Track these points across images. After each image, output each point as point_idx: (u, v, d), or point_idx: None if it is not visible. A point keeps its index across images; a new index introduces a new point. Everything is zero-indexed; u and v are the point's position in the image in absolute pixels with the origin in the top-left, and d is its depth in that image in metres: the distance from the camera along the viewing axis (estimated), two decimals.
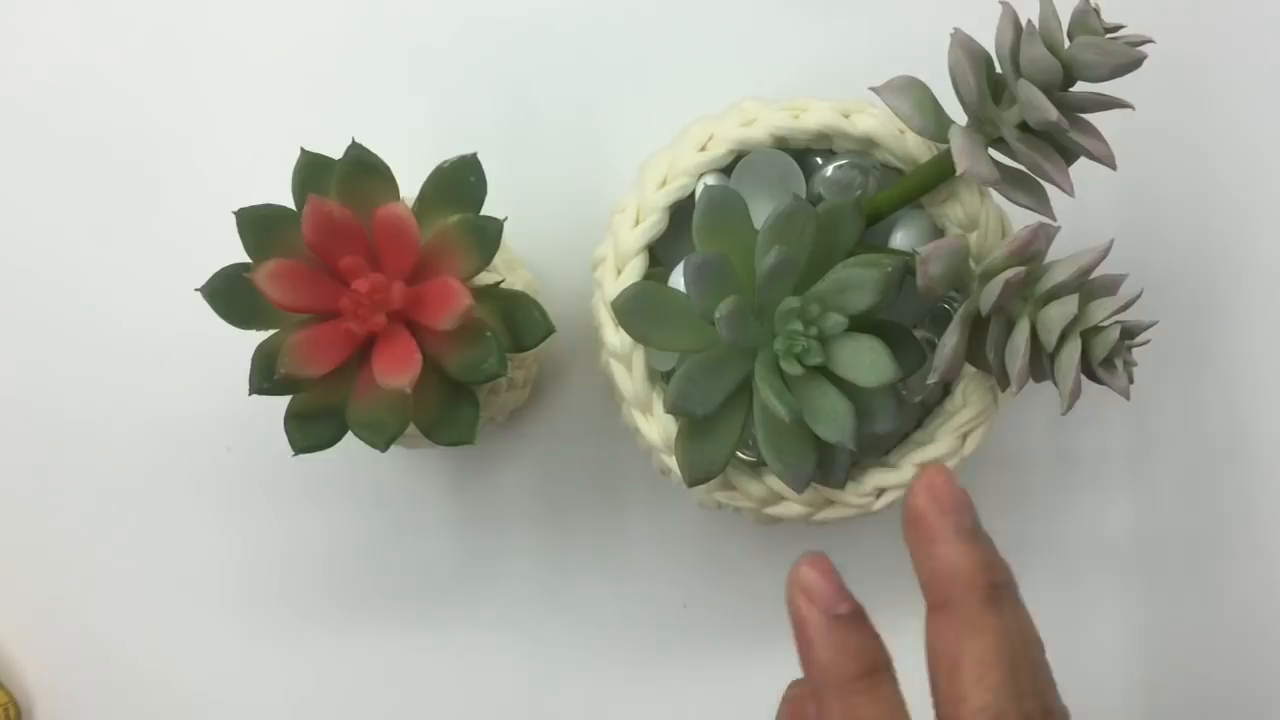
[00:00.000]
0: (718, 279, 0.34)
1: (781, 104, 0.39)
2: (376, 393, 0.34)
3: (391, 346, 0.34)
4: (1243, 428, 0.48)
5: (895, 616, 0.48)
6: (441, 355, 0.35)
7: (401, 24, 0.47)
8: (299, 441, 0.35)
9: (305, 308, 0.34)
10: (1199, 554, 0.48)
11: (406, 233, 0.34)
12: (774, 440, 0.35)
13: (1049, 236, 0.35)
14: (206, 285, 0.34)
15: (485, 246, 0.35)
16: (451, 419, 0.36)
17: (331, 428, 0.35)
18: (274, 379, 0.34)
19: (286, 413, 0.35)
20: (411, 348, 0.34)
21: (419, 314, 0.34)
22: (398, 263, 0.34)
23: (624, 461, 0.46)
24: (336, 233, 0.34)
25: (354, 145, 0.35)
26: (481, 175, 0.36)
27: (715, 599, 0.47)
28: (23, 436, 0.46)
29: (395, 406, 0.34)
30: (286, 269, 0.34)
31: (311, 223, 0.33)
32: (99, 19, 0.46)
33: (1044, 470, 0.48)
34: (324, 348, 0.34)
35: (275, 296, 0.33)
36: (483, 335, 0.35)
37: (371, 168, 0.35)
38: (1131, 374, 0.34)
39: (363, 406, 0.35)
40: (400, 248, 0.34)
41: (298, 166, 0.35)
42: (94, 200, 0.46)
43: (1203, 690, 0.48)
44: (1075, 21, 0.33)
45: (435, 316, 0.34)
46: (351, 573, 0.46)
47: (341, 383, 0.35)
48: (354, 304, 0.34)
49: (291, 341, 0.34)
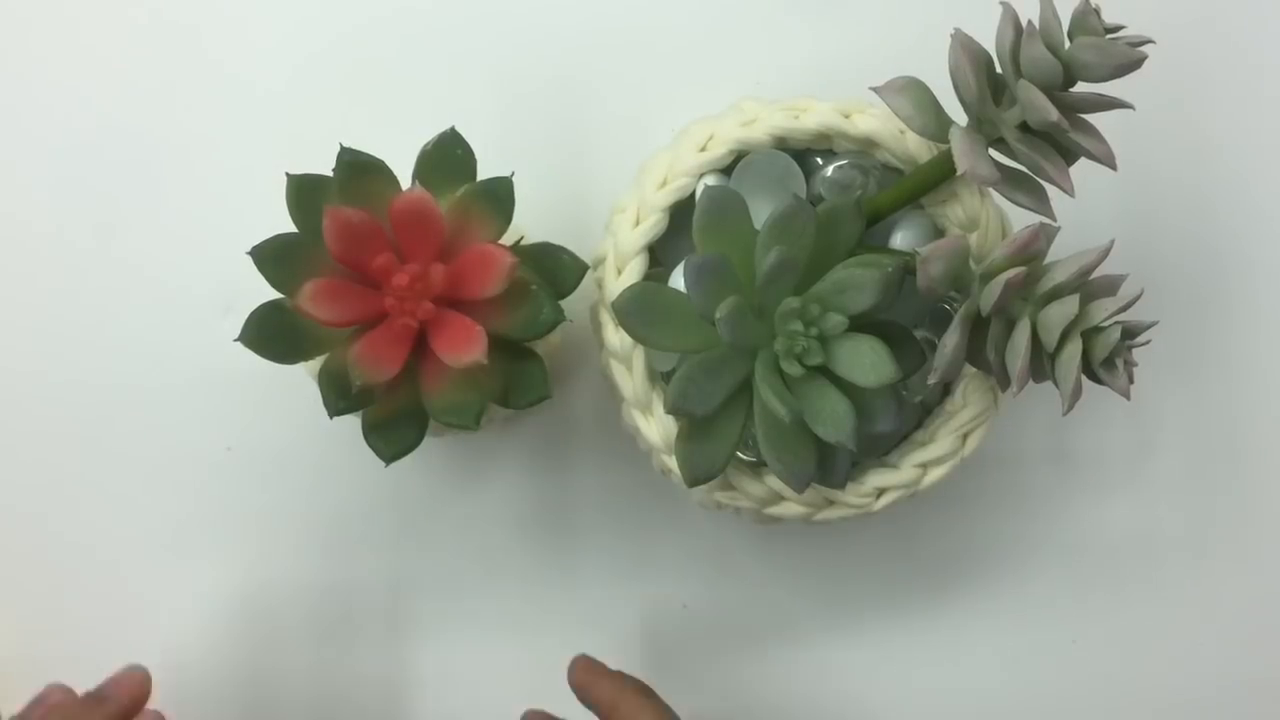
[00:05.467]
0: (718, 279, 0.34)
1: (781, 104, 0.39)
2: (448, 376, 0.34)
3: (446, 329, 0.34)
4: (1243, 428, 0.48)
5: (896, 616, 0.48)
6: (495, 322, 0.35)
7: (400, 25, 0.47)
8: (387, 451, 0.35)
9: (352, 320, 0.34)
10: (1199, 554, 0.48)
11: (429, 215, 0.34)
12: (774, 440, 0.35)
13: (1049, 237, 0.35)
14: (244, 332, 0.34)
15: (502, 207, 0.35)
16: (522, 381, 0.36)
17: (413, 428, 0.35)
18: (351, 395, 0.34)
19: (364, 428, 0.35)
20: (467, 322, 0.34)
21: (462, 291, 0.34)
22: (425, 248, 0.34)
23: (624, 461, 0.46)
24: (359, 238, 0.34)
25: (345, 150, 0.35)
26: (467, 146, 0.36)
27: (715, 599, 0.47)
28: (23, 437, 0.46)
29: (472, 383, 0.35)
30: (325, 287, 0.34)
31: (334, 234, 0.33)
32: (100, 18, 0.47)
33: (1044, 470, 0.48)
34: (386, 349, 0.34)
35: (322, 315, 0.33)
36: (529, 289, 0.35)
37: (368, 167, 0.35)
38: (1131, 374, 0.34)
39: (439, 394, 0.35)
40: (425, 232, 0.34)
41: (289, 191, 0.35)
42: (93, 200, 0.46)
43: (1203, 690, 0.48)
44: (1075, 22, 0.33)
45: (480, 286, 0.34)
46: (350, 573, 0.46)
47: (406, 383, 0.35)
48: (399, 300, 0.34)
49: (355, 353, 0.34)
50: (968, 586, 0.48)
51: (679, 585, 0.47)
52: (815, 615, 0.47)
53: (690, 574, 0.47)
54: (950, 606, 0.48)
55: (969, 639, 0.48)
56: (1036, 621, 0.48)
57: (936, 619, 0.48)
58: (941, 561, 0.48)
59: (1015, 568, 0.48)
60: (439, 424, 0.35)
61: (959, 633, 0.48)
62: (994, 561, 0.48)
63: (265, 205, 0.36)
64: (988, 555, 0.48)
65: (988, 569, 0.48)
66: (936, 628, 0.48)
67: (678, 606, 0.47)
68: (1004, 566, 0.48)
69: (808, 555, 0.47)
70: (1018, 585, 0.48)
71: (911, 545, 0.47)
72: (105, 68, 0.46)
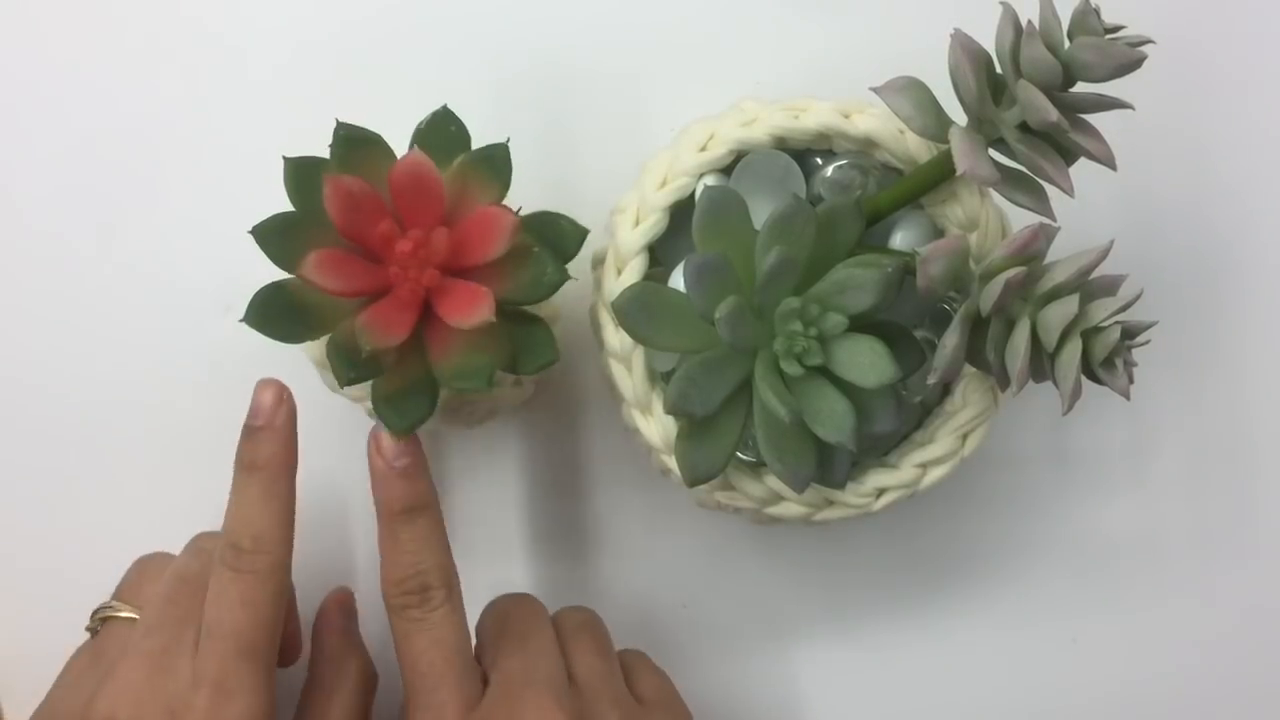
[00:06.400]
0: (718, 279, 0.34)
1: (781, 104, 0.39)
2: (456, 340, 0.34)
3: (451, 294, 0.34)
4: (1243, 428, 0.48)
5: (895, 615, 0.48)
6: (500, 286, 0.34)
7: (399, 24, 0.47)
8: (398, 422, 0.35)
9: (357, 290, 0.34)
10: (1199, 554, 0.48)
11: (428, 178, 0.34)
12: (774, 440, 0.35)
13: (1049, 237, 0.35)
14: (248, 313, 0.34)
15: (499, 172, 0.35)
16: (530, 345, 0.36)
17: (424, 397, 0.35)
18: (360, 363, 0.34)
19: (374, 399, 0.35)
20: (472, 285, 0.34)
21: (465, 257, 0.34)
22: (427, 215, 0.34)
23: (624, 461, 0.46)
24: (360, 207, 0.33)
25: (340, 125, 0.34)
26: (460, 123, 0.36)
27: (715, 599, 0.47)
28: (23, 436, 0.46)
29: (481, 344, 0.34)
30: (329, 256, 0.33)
31: (335, 203, 0.33)
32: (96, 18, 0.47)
33: (1044, 470, 0.48)
34: (394, 314, 0.34)
35: (328, 284, 0.33)
36: (531, 252, 0.35)
37: (365, 140, 0.35)
38: (1131, 374, 0.34)
39: (448, 360, 0.34)
40: (425, 198, 0.34)
41: (287, 174, 0.34)
42: (94, 199, 0.46)
43: (1203, 690, 0.48)
44: (1075, 22, 0.33)
45: (483, 249, 0.34)
46: (350, 575, 0.46)
47: (414, 353, 0.35)
48: (403, 267, 0.34)
49: (363, 320, 0.33)
50: (967, 586, 0.48)
51: (679, 585, 0.47)
52: (815, 615, 0.47)
53: (690, 574, 0.47)
54: (950, 606, 0.48)
55: (969, 638, 0.48)
56: (1036, 621, 0.48)
57: (936, 619, 0.48)
58: (941, 561, 0.48)
59: (1015, 567, 0.48)
60: (449, 401, 0.34)
61: (959, 632, 0.48)
62: (994, 561, 0.48)
63: (265, 204, 0.36)
64: (988, 555, 0.48)
65: (988, 569, 0.48)
66: (936, 627, 0.48)
67: (678, 606, 0.47)
68: (1004, 566, 0.48)
69: (807, 555, 0.47)
70: (1018, 585, 0.48)
71: (911, 545, 0.47)
72: (105, 68, 0.46)
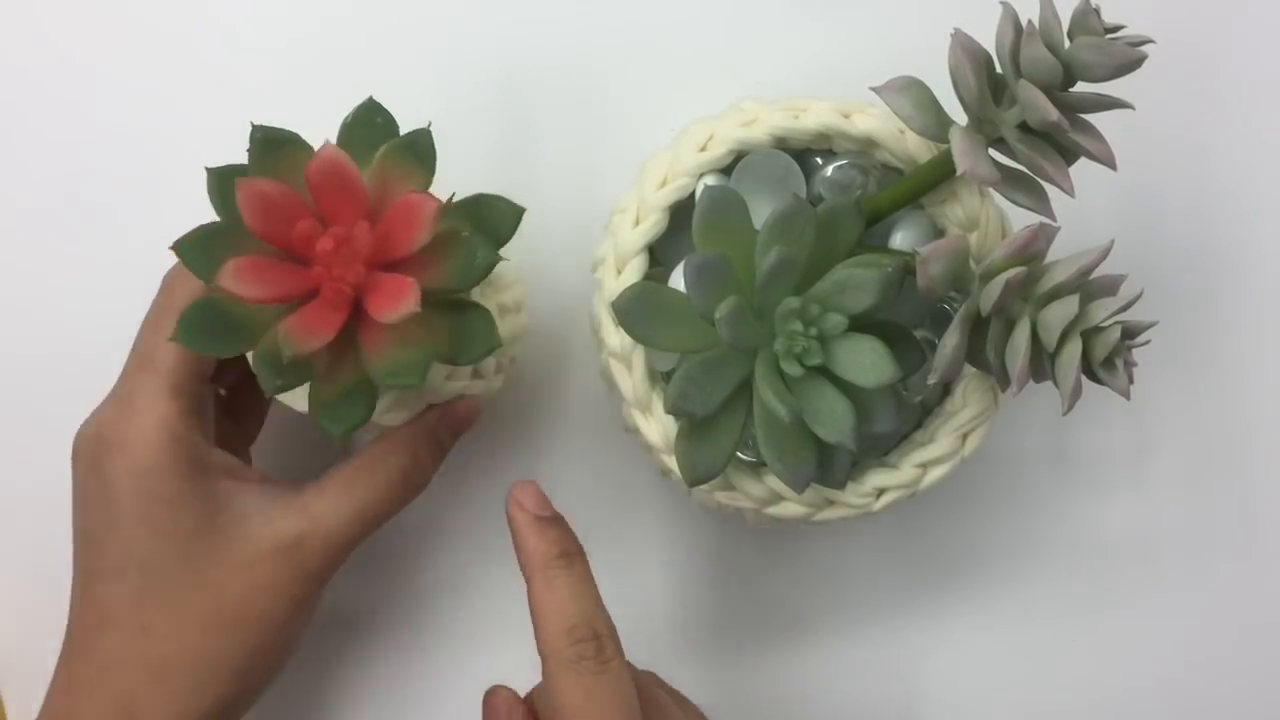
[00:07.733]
0: (718, 279, 0.34)
1: (781, 104, 0.39)
2: (388, 336, 0.33)
3: (379, 289, 0.33)
4: (1243, 428, 0.48)
5: (895, 615, 0.48)
6: (430, 275, 0.33)
7: (397, 23, 0.47)
8: (337, 426, 0.34)
9: (282, 296, 0.33)
10: (1199, 554, 0.48)
11: (345, 172, 0.32)
12: (774, 440, 0.35)
13: (1049, 237, 0.35)
14: (178, 330, 0.33)
15: (422, 159, 0.34)
16: (468, 333, 0.35)
17: (361, 400, 0.34)
18: (283, 369, 0.33)
19: (311, 405, 0.34)
20: (398, 278, 0.32)
21: (392, 249, 0.33)
22: (348, 210, 0.33)
23: (624, 462, 0.46)
24: (277, 208, 0.32)
25: (256, 127, 0.33)
26: (387, 114, 0.35)
27: (715, 599, 0.47)
28: (23, 436, 0.46)
29: (413, 338, 0.33)
30: (248, 264, 0.32)
31: (250, 207, 0.32)
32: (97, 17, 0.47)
33: (1044, 470, 0.48)
34: (319, 317, 0.32)
35: (248, 292, 0.32)
36: (459, 237, 0.33)
37: (283, 141, 0.34)
38: (1131, 374, 0.34)
39: (382, 358, 0.33)
40: (345, 192, 0.33)
41: (210, 185, 0.33)
42: (93, 200, 0.46)
43: (1203, 690, 0.48)
44: (1075, 22, 0.33)
45: (408, 239, 0.32)
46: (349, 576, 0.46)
47: (347, 354, 0.33)
48: (327, 266, 0.32)
49: (285, 326, 0.32)
50: (967, 586, 0.48)
51: (679, 585, 0.47)
52: (815, 615, 0.47)
53: (690, 574, 0.47)
54: (950, 606, 0.48)
55: (968, 638, 0.48)
56: (1036, 620, 0.48)
57: (936, 619, 0.48)
58: (941, 561, 0.48)
59: (1015, 567, 0.48)
60: (404, 399, 0.33)
61: (958, 632, 0.48)
62: (994, 561, 0.48)
63: None
64: (988, 555, 0.48)
65: (988, 569, 0.48)
66: (936, 627, 0.48)
67: (678, 606, 0.47)
68: (1004, 566, 0.48)
69: (808, 555, 0.47)
70: (1017, 585, 0.48)
71: (911, 545, 0.47)
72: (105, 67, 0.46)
